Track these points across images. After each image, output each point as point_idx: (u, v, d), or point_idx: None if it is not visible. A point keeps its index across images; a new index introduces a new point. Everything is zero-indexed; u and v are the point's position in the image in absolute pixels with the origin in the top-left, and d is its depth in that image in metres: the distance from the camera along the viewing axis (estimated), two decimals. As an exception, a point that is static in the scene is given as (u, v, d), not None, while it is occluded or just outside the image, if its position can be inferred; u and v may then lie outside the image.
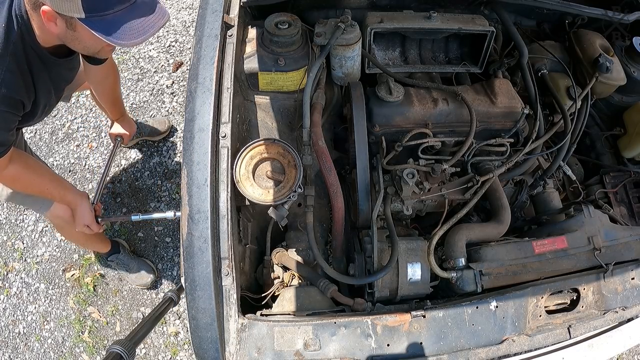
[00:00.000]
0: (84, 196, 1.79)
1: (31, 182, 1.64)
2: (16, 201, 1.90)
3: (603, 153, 2.03)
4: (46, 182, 1.68)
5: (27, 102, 1.43)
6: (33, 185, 1.66)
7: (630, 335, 1.39)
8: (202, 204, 1.22)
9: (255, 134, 1.69)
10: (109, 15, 1.16)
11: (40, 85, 1.46)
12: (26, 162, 1.61)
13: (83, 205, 1.77)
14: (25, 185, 1.66)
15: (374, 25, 1.67)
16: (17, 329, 2.46)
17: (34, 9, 1.22)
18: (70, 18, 1.17)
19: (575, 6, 1.75)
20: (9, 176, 1.55)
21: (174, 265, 2.57)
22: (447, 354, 1.22)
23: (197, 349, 1.17)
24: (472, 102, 1.65)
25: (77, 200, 1.76)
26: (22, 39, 1.30)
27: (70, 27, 1.21)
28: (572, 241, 1.46)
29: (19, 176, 1.57)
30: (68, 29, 1.22)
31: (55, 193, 1.73)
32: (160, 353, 2.40)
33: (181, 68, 3.11)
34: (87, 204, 1.78)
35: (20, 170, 1.55)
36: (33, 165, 1.65)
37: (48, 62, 1.43)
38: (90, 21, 1.16)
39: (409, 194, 1.54)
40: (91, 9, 1.14)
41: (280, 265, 1.59)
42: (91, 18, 1.15)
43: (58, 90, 1.64)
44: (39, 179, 1.66)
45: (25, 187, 1.68)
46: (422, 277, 1.43)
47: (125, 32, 1.18)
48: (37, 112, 1.56)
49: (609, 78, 1.80)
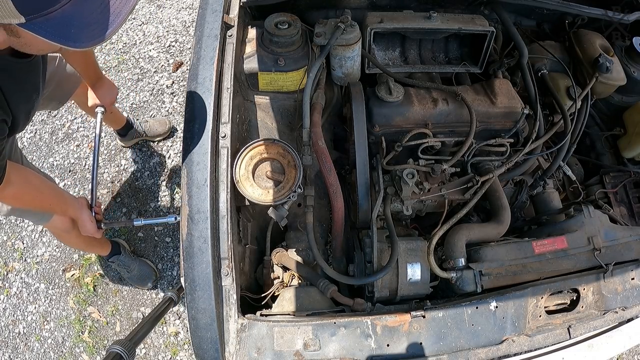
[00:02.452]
0: (83, 205, 1.74)
1: (33, 199, 1.59)
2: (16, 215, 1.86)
3: (603, 153, 2.03)
4: (47, 197, 1.63)
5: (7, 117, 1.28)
6: (34, 202, 1.62)
7: (630, 335, 1.39)
8: (202, 204, 1.22)
9: (255, 134, 1.68)
10: (54, 12, 0.90)
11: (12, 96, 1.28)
12: (26, 179, 1.53)
13: (84, 216, 1.73)
14: (27, 203, 1.61)
15: (374, 25, 1.67)
16: (17, 329, 2.46)
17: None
18: (8, 24, 0.91)
19: (575, 6, 1.75)
20: (10, 196, 1.48)
21: (174, 265, 2.57)
22: (447, 354, 1.22)
23: (197, 349, 1.17)
24: (472, 102, 1.65)
25: (77, 212, 1.72)
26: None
27: (12, 34, 0.96)
28: (572, 241, 1.46)
29: (20, 195, 1.51)
30: (11, 37, 0.97)
31: (57, 208, 1.70)
32: (160, 353, 2.40)
33: (181, 68, 3.11)
34: (87, 214, 1.74)
35: (20, 189, 1.48)
36: (33, 181, 1.57)
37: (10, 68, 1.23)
38: (33, 25, 0.90)
39: (408, 194, 1.54)
40: (29, 10, 0.88)
41: (280, 266, 1.59)
42: (33, 21, 0.90)
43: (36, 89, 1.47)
44: (40, 196, 1.60)
45: (26, 204, 1.63)
46: (422, 277, 1.43)
47: (83, 30, 0.94)
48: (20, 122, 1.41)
49: (609, 78, 1.79)
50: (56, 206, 1.68)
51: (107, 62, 3.14)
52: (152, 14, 3.33)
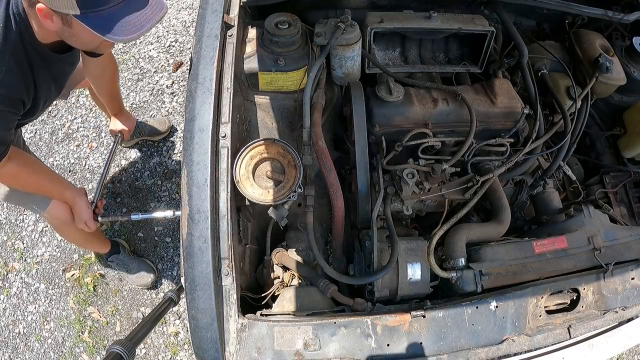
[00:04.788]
0: (81, 192, 1.80)
1: (29, 179, 1.65)
2: (13, 200, 1.90)
3: (603, 153, 2.03)
4: (44, 179, 1.69)
5: (27, 99, 1.44)
6: (31, 183, 1.67)
7: (630, 335, 1.39)
8: (202, 204, 1.22)
9: (255, 134, 1.68)
10: (104, 11, 1.15)
11: (40, 82, 1.46)
12: (24, 160, 1.61)
13: (81, 202, 1.77)
14: (24, 183, 1.67)
15: (374, 25, 1.67)
16: (17, 329, 2.46)
17: (30, 7, 1.22)
18: (66, 15, 1.16)
19: (575, 6, 1.75)
20: (8, 174, 1.55)
21: (174, 265, 2.57)
22: (447, 354, 1.22)
23: (197, 349, 1.17)
24: (472, 102, 1.65)
25: (75, 197, 1.77)
26: (21, 37, 1.30)
27: (66, 24, 1.20)
28: (572, 241, 1.46)
29: (17, 174, 1.58)
30: (64, 26, 1.21)
31: (54, 190, 1.74)
32: (160, 353, 2.40)
33: (181, 68, 3.11)
34: (84, 201, 1.79)
35: (18, 168, 1.56)
36: (31, 163, 1.66)
37: (48, 58, 1.44)
38: (85, 17, 1.15)
39: (408, 194, 1.54)
40: (86, 5, 1.13)
41: (280, 265, 1.59)
42: (86, 14, 1.14)
43: (58, 85, 1.66)
44: (36, 176, 1.67)
45: (23, 184, 1.69)
46: (422, 277, 1.43)
47: (122, 28, 1.17)
48: (38, 108, 1.57)
49: (609, 78, 1.79)
50: (52, 187, 1.73)
51: (107, 62, 3.14)
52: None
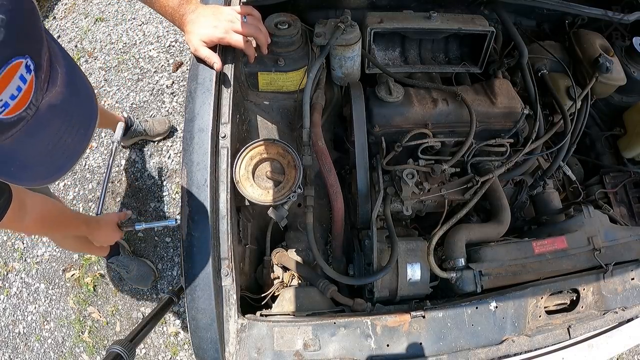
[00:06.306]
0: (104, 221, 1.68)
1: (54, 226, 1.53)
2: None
3: (603, 153, 2.03)
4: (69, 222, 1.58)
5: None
6: (57, 229, 1.58)
7: (630, 335, 1.39)
8: (202, 205, 1.22)
9: (255, 135, 1.68)
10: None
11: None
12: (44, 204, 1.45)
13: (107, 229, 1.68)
14: (48, 231, 1.58)
15: (373, 25, 1.67)
16: (17, 329, 2.46)
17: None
18: None
19: (575, 6, 1.75)
20: (30, 227, 1.42)
21: (174, 265, 2.57)
22: (446, 354, 1.22)
23: (197, 349, 1.17)
24: (472, 102, 1.65)
25: (102, 227, 1.67)
26: None
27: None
28: (572, 241, 1.46)
29: (41, 226, 1.46)
30: None
31: (84, 229, 1.63)
32: (160, 353, 2.40)
33: (181, 68, 3.11)
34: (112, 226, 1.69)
35: (40, 219, 1.42)
36: (49, 206, 1.49)
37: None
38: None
39: (408, 194, 1.54)
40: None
41: (280, 266, 1.59)
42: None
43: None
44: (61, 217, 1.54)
45: (47, 232, 1.61)
46: (421, 277, 1.43)
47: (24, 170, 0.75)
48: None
49: (609, 78, 1.79)
50: (80, 227, 1.61)
51: (107, 62, 3.14)
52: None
